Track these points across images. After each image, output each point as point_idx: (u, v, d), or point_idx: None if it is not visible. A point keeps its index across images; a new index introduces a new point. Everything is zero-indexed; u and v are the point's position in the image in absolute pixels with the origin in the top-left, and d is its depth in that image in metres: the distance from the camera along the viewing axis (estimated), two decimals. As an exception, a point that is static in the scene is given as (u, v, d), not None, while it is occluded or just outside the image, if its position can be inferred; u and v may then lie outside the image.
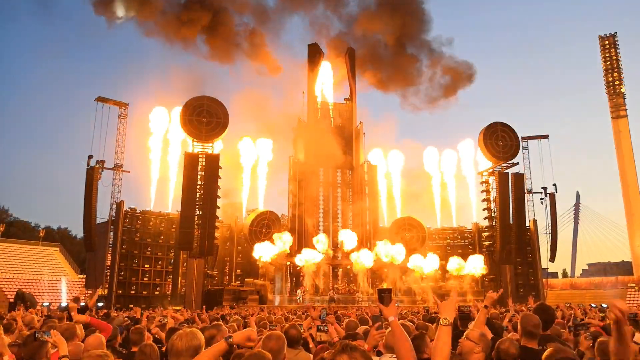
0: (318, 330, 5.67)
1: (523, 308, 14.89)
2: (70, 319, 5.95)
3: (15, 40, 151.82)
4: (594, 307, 15.21)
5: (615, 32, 62.56)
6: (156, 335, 7.02)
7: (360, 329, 5.53)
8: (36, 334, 4.00)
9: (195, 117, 36.34)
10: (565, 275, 78.36)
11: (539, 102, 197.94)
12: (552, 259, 43.63)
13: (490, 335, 4.30)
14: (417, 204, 47.50)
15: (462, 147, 46.92)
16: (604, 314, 11.90)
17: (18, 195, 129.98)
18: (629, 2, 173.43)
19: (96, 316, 10.29)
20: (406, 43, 48.04)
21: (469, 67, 50.69)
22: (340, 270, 41.20)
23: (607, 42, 62.89)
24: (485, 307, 4.88)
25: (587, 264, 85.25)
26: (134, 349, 5.22)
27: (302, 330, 5.41)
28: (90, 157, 36.08)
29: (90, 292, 37.22)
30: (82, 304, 11.03)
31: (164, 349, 4.89)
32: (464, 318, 6.05)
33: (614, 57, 62.27)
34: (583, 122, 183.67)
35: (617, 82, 61.90)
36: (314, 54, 45.81)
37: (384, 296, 3.09)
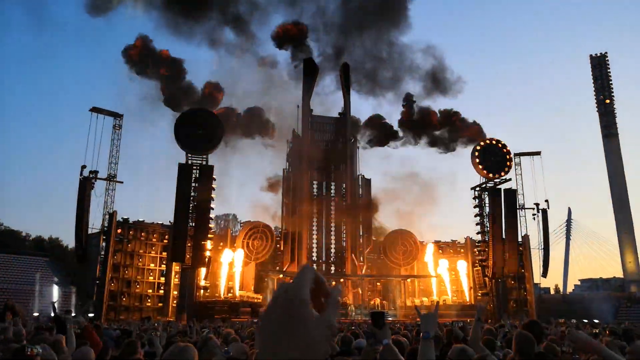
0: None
1: (516, 324, 14.89)
2: (61, 330, 5.86)
3: (7, 51, 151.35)
4: (586, 322, 15.24)
5: (606, 52, 63.54)
6: (146, 347, 6.93)
7: (354, 345, 5.50)
8: (26, 348, 3.92)
9: (190, 130, 36.27)
10: (557, 290, 78.31)
11: (532, 119, 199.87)
12: (545, 274, 43.77)
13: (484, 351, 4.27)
14: (410, 217, 47.49)
15: (456, 163, 47.27)
16: (597, 330, 11.93)
17: (9, 205, 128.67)
18: (619, 23, 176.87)
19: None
20: (394, 55, 48.09)
21: (457, 80, 50.34)
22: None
23: (598, 62, 63.82)
24: (479, 320, 4.68)
25: (579, 280, 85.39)
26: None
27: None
28: (83, 167, 35.92)
29: (80, 303, 36.77)
30: (73, 314, 10.91)
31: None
32: (449, 333, 6.09)
33: (605, 76, 63.14)
34: (575, 140, 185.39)
35: (607, 101, 62.70)
36: (309, 69, 46.02)
37: (378, 320, 3.08)
